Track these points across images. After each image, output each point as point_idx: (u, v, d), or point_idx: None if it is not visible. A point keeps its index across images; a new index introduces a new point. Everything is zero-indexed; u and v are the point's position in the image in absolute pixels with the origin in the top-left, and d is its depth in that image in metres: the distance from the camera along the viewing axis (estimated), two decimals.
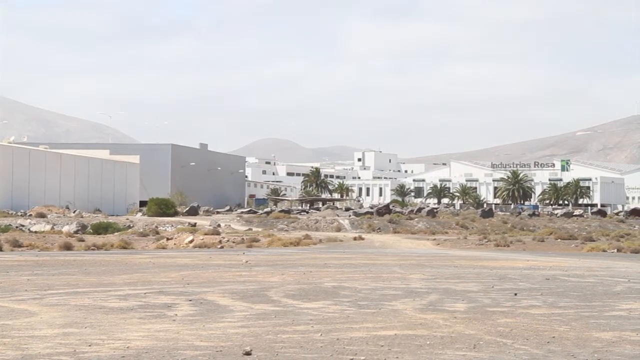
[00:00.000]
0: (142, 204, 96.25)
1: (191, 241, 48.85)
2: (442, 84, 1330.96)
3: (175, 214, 79.14)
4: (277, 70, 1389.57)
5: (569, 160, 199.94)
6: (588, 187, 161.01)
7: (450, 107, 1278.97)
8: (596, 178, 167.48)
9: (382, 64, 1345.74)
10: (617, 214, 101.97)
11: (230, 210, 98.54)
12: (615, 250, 45.35)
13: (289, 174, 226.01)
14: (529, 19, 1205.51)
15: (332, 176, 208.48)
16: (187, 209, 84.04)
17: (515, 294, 20.43)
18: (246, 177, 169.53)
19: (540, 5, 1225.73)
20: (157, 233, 55.95)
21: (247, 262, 32.30)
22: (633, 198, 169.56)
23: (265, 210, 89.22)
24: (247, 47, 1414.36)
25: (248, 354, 11.72)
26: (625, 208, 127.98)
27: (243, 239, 50.54)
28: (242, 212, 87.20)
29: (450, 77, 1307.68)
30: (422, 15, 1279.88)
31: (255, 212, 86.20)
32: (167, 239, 50.85)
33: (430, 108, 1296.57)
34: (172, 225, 63.75)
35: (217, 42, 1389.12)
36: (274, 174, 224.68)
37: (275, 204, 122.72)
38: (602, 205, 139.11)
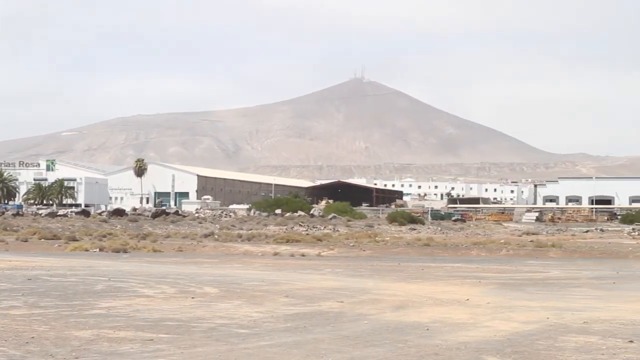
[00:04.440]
0: None
1: None
2: None
3: None
4: None
5: (54, 160, 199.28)
6: (73, 187, 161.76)
7: None
8: (81, 178, 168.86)
9: None
10: (100, 213, 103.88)
11: None
12: (98, 250, 46.17)
13: None
14: None
15: None
16: None
17: None
18: None
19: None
20: None
21: None
22: (116, 198, 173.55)
23: None
24: None
25: None
26: (109, 208, 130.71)
27: None
28: None
29: None
30: None
31: None
32: None
33: None
34: None
35: None
36: None
37: None
38: (86, 205, 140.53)
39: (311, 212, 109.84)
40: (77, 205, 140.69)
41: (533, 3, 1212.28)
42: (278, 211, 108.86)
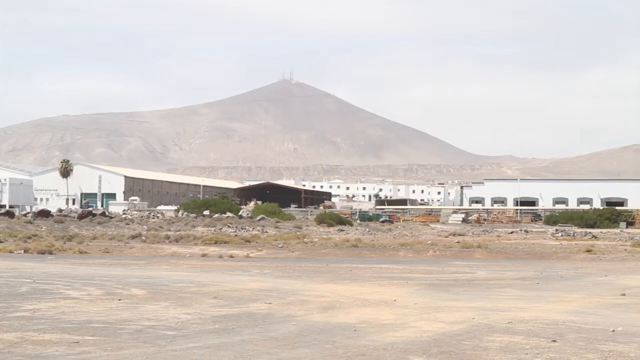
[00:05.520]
0: None
1: None
2: None
3: None
4: None
5: None
6: None
7: None
8: (5, 179, 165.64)
9: None
10: (25, 214, 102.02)
11: None
12: (23, 251, 45.41)
13: None
14: None
15: None
16: None
17: None
18: None
19: None
20: None
21: None
22: (42, 199, 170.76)
23: None
24: None
25: None
26: (34, 209, 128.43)
27: None
28: None
29: None
30: None
31: None
32: None
33: None
34: None
35: None
36: None
37: None
38: (10, 206, 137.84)
39: (240, 213, 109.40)
40: (2, 207, 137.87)
41: (459, 6, 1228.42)
42: (206, 212, 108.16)
